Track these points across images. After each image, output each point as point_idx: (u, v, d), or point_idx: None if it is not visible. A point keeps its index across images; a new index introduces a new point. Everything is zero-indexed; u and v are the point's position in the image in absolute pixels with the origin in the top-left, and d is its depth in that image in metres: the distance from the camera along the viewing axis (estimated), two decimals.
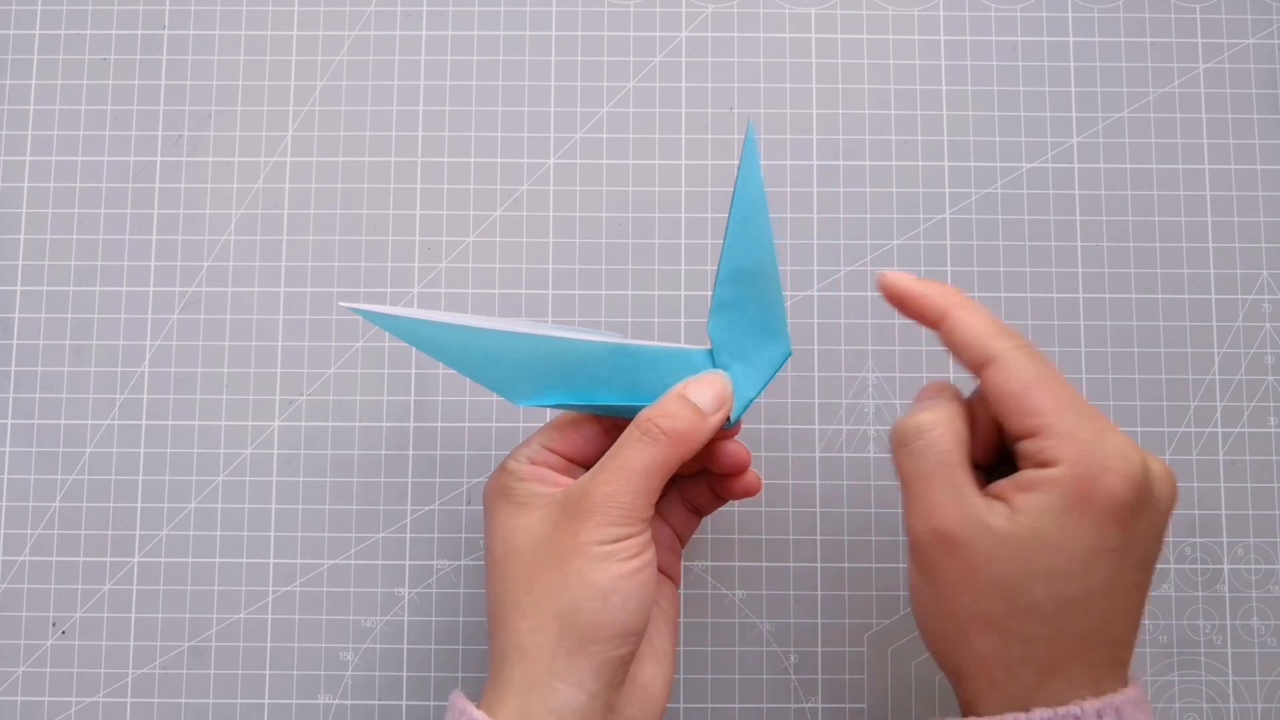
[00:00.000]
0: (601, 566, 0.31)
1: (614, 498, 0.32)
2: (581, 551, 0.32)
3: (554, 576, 0.32)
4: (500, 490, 0.34)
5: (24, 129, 0.44)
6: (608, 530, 0.32)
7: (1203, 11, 0.45)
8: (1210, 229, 0.44)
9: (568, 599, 0.31)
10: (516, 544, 0.33)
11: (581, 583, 0.31)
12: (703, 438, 0.33)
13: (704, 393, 0.33)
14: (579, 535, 0.32)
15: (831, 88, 0.45)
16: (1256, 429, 0.43)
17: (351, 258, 0.44)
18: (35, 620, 0.42)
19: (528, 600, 0.32)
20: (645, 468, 0.32)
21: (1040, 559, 0.29)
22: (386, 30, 0.45)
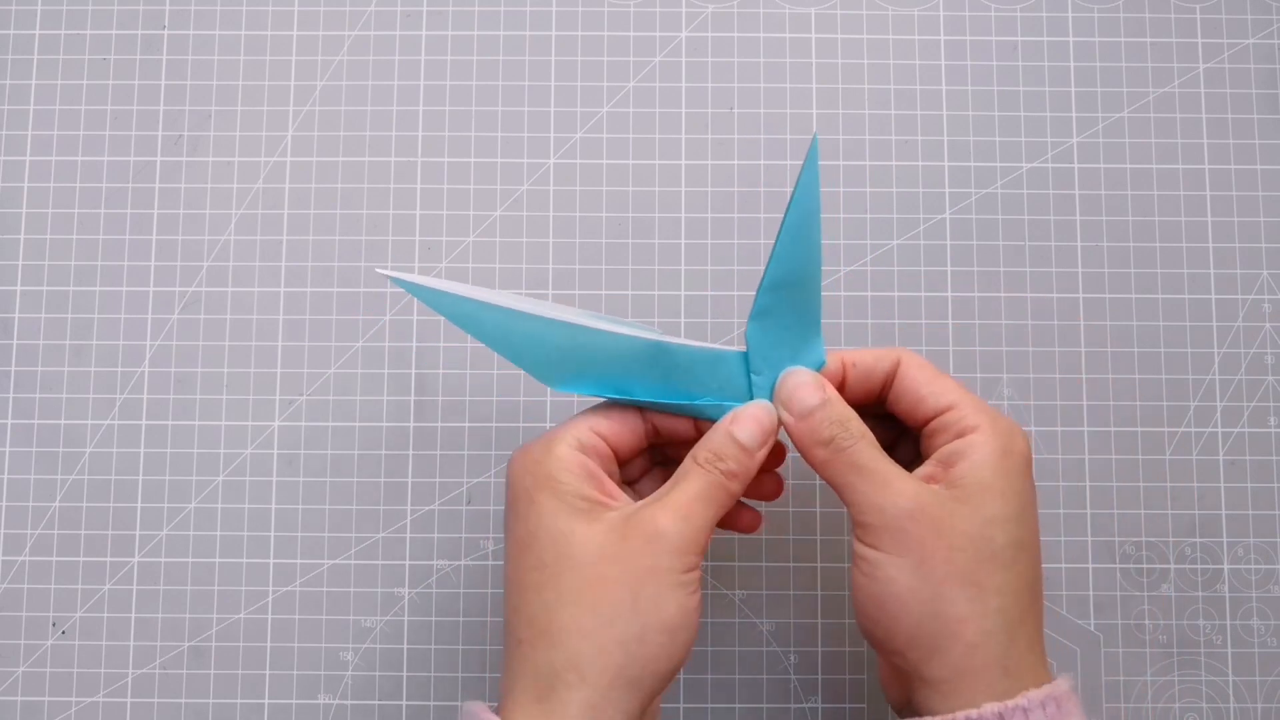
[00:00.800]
0: (674, 598, 0.31)
1: (690, 522, 0.32)
2: (660, 576, 0.31)
3: (623, 600, 0.31)
4: (545, 480, 0.33)
5: (24, 129, 0.44)
6: (683, 558, 0.31)
7: (1203, 11, 0.45)
8: (1210, 229, 0.44)
9: (638, 628, 0.31)
10: (577, 554, 0.31)
11: (654, 612, 0.31)
12: (752, 474, 0.34)
13: (751, 430, 0.33)
14: (658, 559, 0.31)
15: (831, 88, 0.45)
16: (1256, 429, 0.43)
17: (351, 258, 0.44)
18: (35, 620, 0.42)
19: (591, 620, 0.31)
20: (711, 502, 0.33)
21: (991, 506, 0.32)
22: (386, 30, 0.45)
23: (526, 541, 0.32)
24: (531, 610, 0.32)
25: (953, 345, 0.43)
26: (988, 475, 0.32)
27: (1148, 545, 0.43)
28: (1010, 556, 0.32)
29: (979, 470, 0.32)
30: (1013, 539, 0.32)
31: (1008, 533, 0.32)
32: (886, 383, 0.35)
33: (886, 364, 0.35)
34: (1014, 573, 0.32)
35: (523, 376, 0.43)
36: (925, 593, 0.31)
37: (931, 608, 0.31)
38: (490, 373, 0.43)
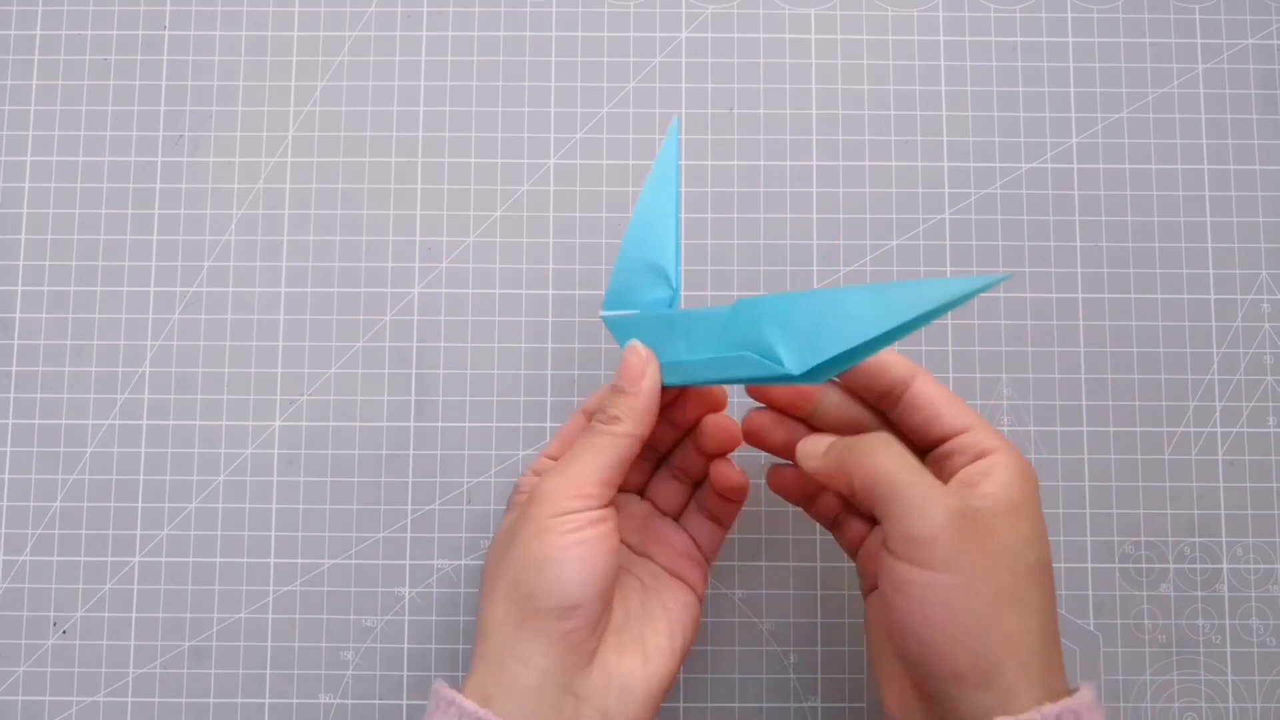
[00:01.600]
0: (540, 539, 0.33)
1: (562, 476, 0.34)
2: (525, 527, 0.33)
3: (503, 556, 0.34)
4: (508, 505, 0.37)
5: (25, 129, 0.45)
6: (552, 505, 0.33)
7: (1202, 12, 0.45)
8: (1209, 229, 0.44)
9: (510, 574, 0.33)
10: (496, 543, 0.35)
11: (521, 556, 0.33)
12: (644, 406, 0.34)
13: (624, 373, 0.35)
14: (527, 512, 0.33)
15: (831, 88, 0.45)
16: (1255, 429, 0.43)
17: (352, 258, 0.44)
18: (36, 620, 0.42)
19: (487, 584, 0.34)
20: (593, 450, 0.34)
21: (1023, 525, 0.32)
22: (387, 31, 0.45)
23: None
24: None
25: (952, 345, 0.43)
26: (1017, 494, 0.32)
27: (1147, 545, 0.43)
28: (1040, 575, 0.32)
29: (1009, 490, 0.32)
30: (1041, 558, 0.32)
31: (1038, 551, 0.32)
32: (895, 391, 0.35)
33: (902, 370, 0.35)
34: (1047, 592, 0.32)
35: (522, 376, 0.43)
36: (982, 611, 0.30)
37: (990, 626, 0.30)
38: (490, 373, 0.43)
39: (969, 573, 0.30)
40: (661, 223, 0.36)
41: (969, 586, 0.30)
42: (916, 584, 0.30)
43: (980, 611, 0.30)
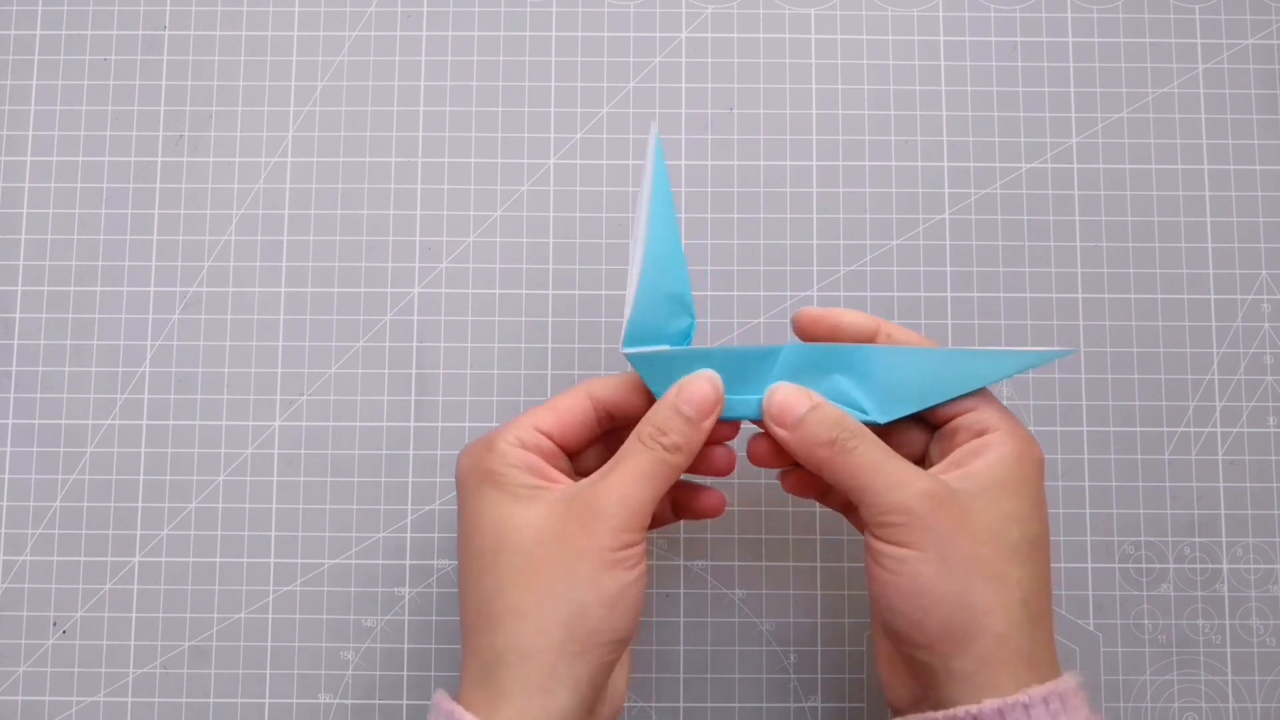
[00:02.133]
0: (612, 573, 0.31)
1: (627, 502, 0.32)
2: (595, 555, 0.31)
3: (561, 578, 0.31)
4: (486, 475, 0.33)
5: (25, 129, 0.45)
6: (620, 535, 0.32)
7: (1202, 12, 0.45)
8: (1209, 229, 0.44)
9: (576, 604, 0.31)
10: (514, 539, 0.32)
11: (593, 588, 0.31)
12: (697, 447, 0.34)
13: (694, 400, 0.34)
14: (593, 539, 0.31)
15: (831, 88, 0.45)
16: (1255, 429, 0.43)
17: (352, 258, 0.44)
18: (36, 620, 0.42)
19: (530, 601, 0.31)
20: (650, 477, 0.33)
21: (1006, 502, 0.32)
22: (387, 31, 0.45)
23: (469, 533, 0.33)
24: (476, 598, 0.32)
25: (952, 345, 0.43)
26: (1002, 473, 0.33)
27: (1147, 545, 0.43)
28: (1026, 552, 0.32)
29: (995, 468, 0.33)
30: (1028, 536, 0.32)
31: (1023, 529, 0.32)
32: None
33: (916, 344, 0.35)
34: (1030, 568, 0.32)
35: (522, 376, 0.43)
36: (953, 584, 0.31)
37: (960, 599, 0.31)
38: (490, 373, 0.43)
39: (941, 549, 0.32)
40: (672, 251, 0.35)
41: (941, 562, 0.32)
42: (890, 558, 0.32)
43: (952, 585, 0.32)
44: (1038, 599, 0.32)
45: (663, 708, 0.42)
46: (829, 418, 0.33)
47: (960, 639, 0.31)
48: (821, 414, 0.33)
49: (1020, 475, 0.33)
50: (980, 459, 0.33)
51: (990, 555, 0.32)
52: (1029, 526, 0.33)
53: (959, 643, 0.31)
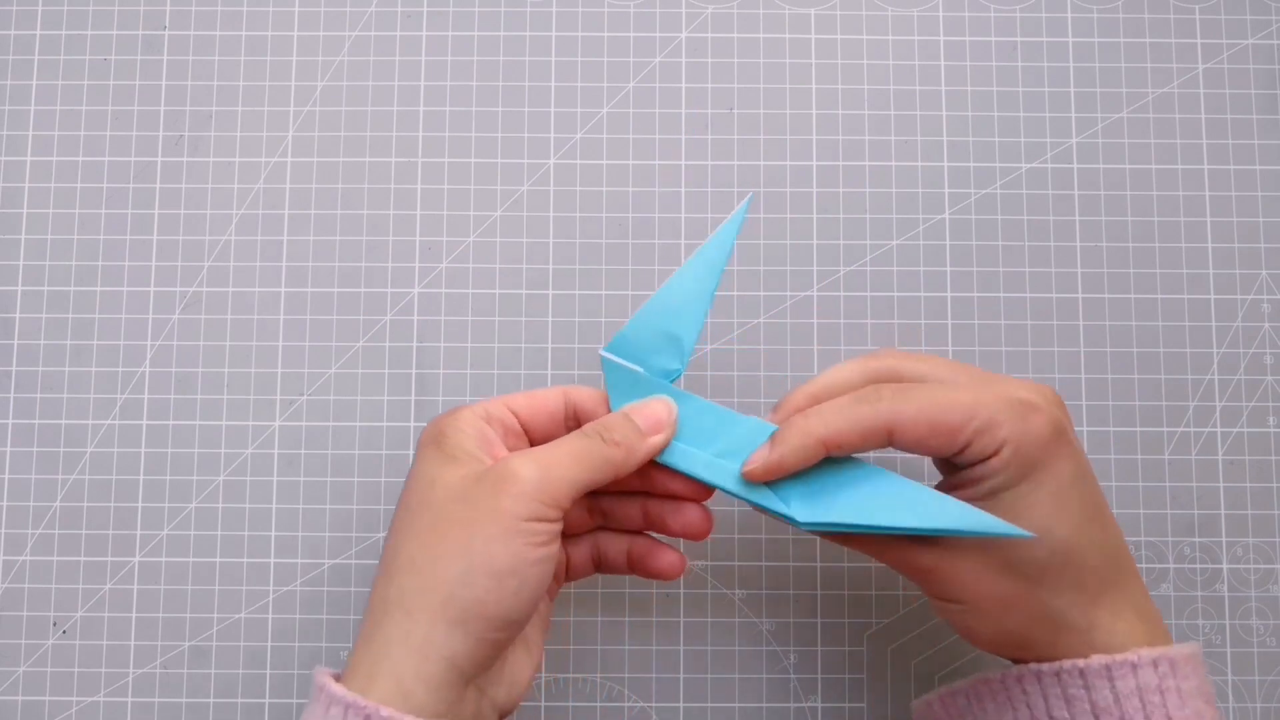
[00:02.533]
0: (509, 544, 0.30)
1: (545, 473, 0.31)
2: (497, 520, 0.30)
3: (458, 538, 0.31)
4: (435, 435, 0.33)
5: (25, 129, 0.45)
6: (526, 505, 0.31)
7: (1202, 12, 0.45)
8: (1209, 229, 0.44)
9: (464, 567, 0.30)
10: (432, 495, 0.32)
11: (484, 553, 0.30)
12: (637, 456, 0.33)
13: (646, 415, 0.34)
14: (497, 501, 0.31)
15: (831, 88, 0.45)
16: (1255, 429, 0.43)
17: (352, 258, 0.44)
18: (36, 620, 0.42)
19: (424, 556, 0.31)
20: (580, 459, 0.32)
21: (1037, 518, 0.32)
22: (387, 31, 0.45)
23: (405, 488, 0.33)
24: (388, 549, 0.32)
25: (952, 345, 0.43)
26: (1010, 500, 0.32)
27: (1147, 545, 0.43)
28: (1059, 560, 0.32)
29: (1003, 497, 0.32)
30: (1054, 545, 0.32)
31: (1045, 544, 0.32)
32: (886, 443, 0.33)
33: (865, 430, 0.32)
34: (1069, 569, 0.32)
35: (522, 376, 0.43)
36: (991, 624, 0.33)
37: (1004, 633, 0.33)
38: (490, 373, 0.43)
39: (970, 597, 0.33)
40: (696, 301, 0.35)
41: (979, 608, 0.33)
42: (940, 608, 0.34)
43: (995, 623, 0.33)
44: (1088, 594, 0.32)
45: (663, 708, 0.42)
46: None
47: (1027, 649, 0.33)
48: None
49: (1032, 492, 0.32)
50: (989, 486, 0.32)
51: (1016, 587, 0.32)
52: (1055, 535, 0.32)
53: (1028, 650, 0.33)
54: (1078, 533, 0.32)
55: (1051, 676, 0.32)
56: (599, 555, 0.37)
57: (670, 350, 0.35)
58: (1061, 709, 0.32)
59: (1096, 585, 0.32)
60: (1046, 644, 0.33)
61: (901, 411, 0.32)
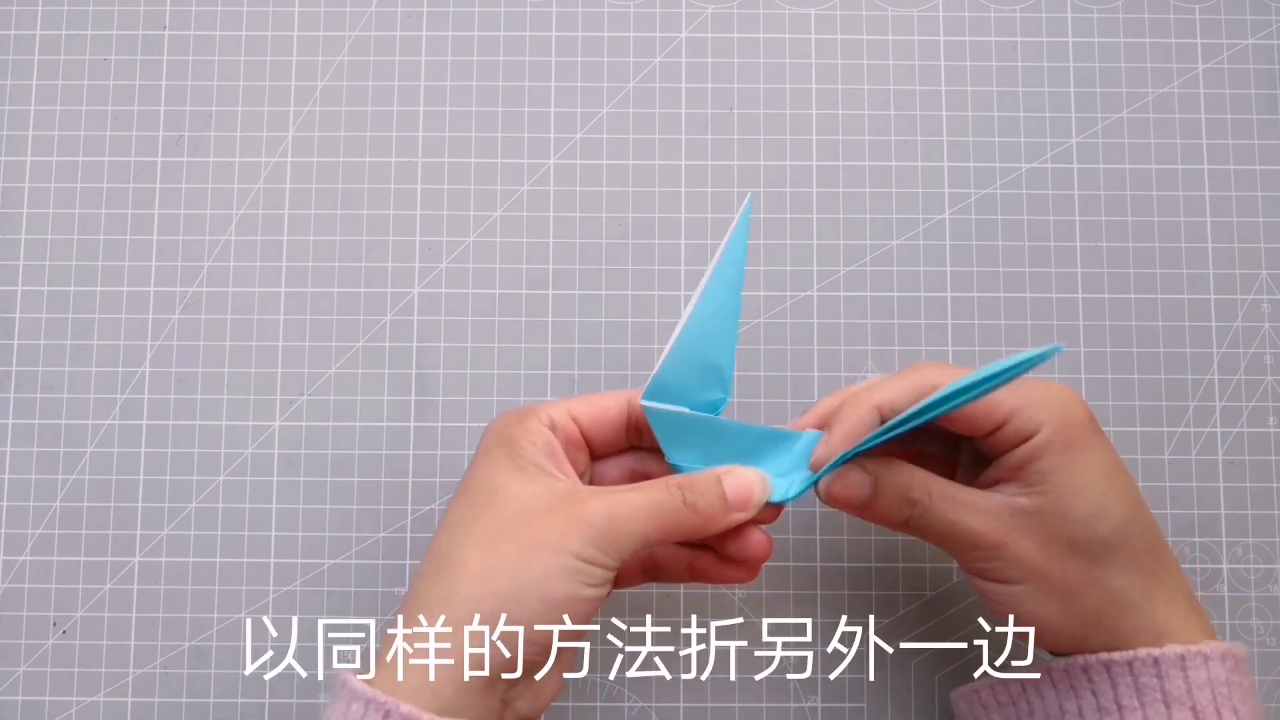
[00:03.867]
0: (565, 580, 0.30)
1: (615, 521, 0.31)
2: (556, 554, 0.30)
3: (517, 558, 0.31)
4: (507, 439, 0.33)
5: (25, 129, 0.45)
6: (590, 549, 0.31)
7: (1202, 12, 0.45)
8: (1209, 229, 0.44)
9: (518, 588, 0.30)
10: (498, 504, 0.32)
11: (540, 581, 0.30)
12: (715, 525, 0.33)
13: (737, 486, 0.33)
14: (565, 537, 0.31)
15: (831, 88, 0.45)
16: (1255, 429, 0.43)
17: (352, 258, 0.44)
18: (36, 620, 0.42)
19: (480, 565, 0.31)
20: (654, 517, 0.32)
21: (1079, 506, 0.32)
22: (387, 31, 0.45)
23: (467, 484, 0.33)
24: (439, 545, 0.32)
25: (952, 345, 0.43)
26: (1065, 478, 0.32)
27: None
28: (1119, 537, 0.32)
29: (1057, 476, 0.32)
30: (1113, 522, 0.32)
31: (1107, 520, 0.32)
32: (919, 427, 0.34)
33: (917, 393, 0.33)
34: (1127, 549, 0.32)
35: (522, 376, 0.43)
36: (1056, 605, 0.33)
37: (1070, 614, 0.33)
38: (490, 373, 0.43)
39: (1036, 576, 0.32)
40: (726, 322, 0.34)
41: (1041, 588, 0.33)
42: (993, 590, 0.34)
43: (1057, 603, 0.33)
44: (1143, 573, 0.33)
45: (662, 708, 0.42)
46: (894, 497, 0.33)
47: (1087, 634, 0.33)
48: (887, 493, 0.33)
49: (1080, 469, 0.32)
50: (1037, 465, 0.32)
51: (1081, 565, 0.32)
52: (1112, 513, 0.32)
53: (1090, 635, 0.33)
54: (1133, 513, 0.33)
55: (1123, 665, 0.32)
56: (655, 566, 0.36)
57: (711, 380, 0.34)
58: (1131, 697, 0.32)
59: (1154, 566, 0.33)
60: (1109, 630, 0.32)
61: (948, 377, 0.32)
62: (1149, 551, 0.33)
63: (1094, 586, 0.32)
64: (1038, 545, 0.32)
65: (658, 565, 0.36)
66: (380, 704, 0.29)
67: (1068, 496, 0.32)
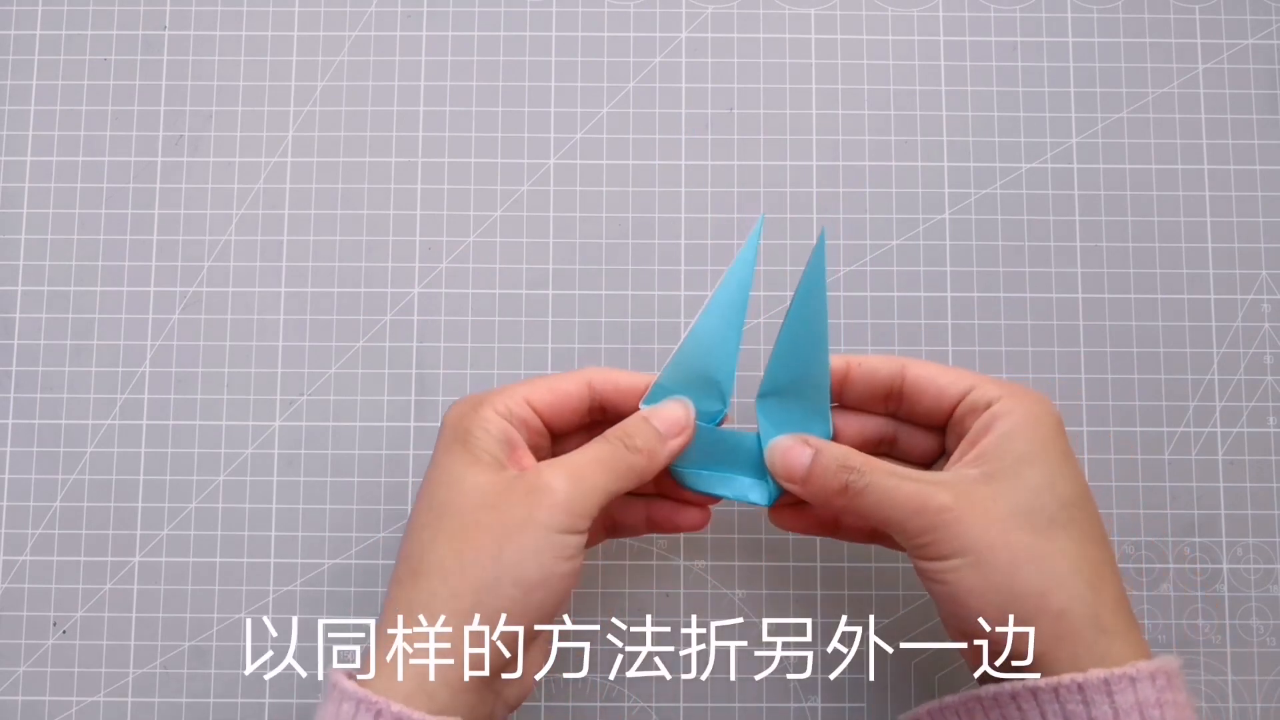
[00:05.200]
0: (539, 557, 0.31)
1: (577, 482, 0.32)
2: (526, 532, 0.31)
3: (488, 546, 0.31)
4: (462, 433, 0.34)
5: (25, 129, 0.45)
6: (560, 518, 0.31)
7: (1202, 12, 0.45)
8: (1209, 229, 0.44)
9: (494, 576, 0.31)
10: (460, 500, 0.32)
11: (514, 565, 0.31)
12: (659, 461, 0.34)
13: (665, 417, 0.35)
14: (529, 513, 0.31)
15: (831, 88, 0.45)
16: (1255, 429, 0.43)
17: (352, 258, 0.44)
18: (36, 620, 0.42)
19: (453, 562, 0.31)
20: (606, 468, 0.33)
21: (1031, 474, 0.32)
22: (387, 31, 0.45)
23: (427, 484, 0.34)
24: (411, 549, 0.33)
25: (952, 345, 0.43)
26: (1020, 445, 0.32)
27: (1147, 545, 0.43)
28: (1067, 517, 0.32)
29: (1011, 441, 0.33)
30: (1063, 499, 0.32)
31: (1055, 494, 0.32)
32: (893, 388, 0.36)
33: (892, 366, 0.36)
34: (1074, 532, 0.32)
35: (522, 376, 0.43)
36: (999, 578, 0.31)
37: (1010, 590, 0.31)
38: (491, 373, 0.43)
39: (977, 549, 0.32)
40: (727, 338, 0.35)
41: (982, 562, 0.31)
42: (935, 571, 0.32)
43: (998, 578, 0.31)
44: (1090, 561, 0.32)
45: (662, 708, 0.42)
46: (832, 464, 0.33)
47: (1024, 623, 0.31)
48: (825, 461, 0.34)
49: (1037, 440, 0.33)
50: (991, 434, 0.33)
51: (1027, 538, 0.32)
52: (1061, 489, 0.32)
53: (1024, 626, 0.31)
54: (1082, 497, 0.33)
55: (1049, 692, 0.31)
56: (613, 523, 0.38)
57: (710, 392, 0.35)
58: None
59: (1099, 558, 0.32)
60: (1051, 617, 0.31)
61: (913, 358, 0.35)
62: (1096, 541, 0.33)
63: (1037, 564, 0.31)
64: (983, 515, 0.32)
65: (616, 522, 0.38)
66: (371, 703, 0.30)
67: (1019, 465, 0.32)
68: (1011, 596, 0.31)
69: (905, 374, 0.35)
